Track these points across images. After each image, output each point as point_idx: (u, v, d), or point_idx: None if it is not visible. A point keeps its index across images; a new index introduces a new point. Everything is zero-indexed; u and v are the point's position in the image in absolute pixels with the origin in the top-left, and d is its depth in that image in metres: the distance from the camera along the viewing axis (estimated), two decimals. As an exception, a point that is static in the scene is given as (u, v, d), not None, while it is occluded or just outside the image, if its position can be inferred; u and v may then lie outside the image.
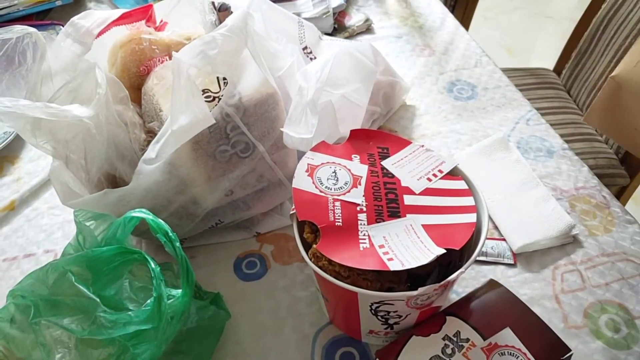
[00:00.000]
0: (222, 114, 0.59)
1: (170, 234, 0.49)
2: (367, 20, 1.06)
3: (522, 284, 0.65)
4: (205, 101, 0.56)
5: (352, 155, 0.59)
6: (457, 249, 0.50)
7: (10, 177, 0.82)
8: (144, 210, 0.50)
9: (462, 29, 1.07)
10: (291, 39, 0.77)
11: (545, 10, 2.54)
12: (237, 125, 0.60)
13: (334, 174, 0.56)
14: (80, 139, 0.58)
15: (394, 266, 0.48)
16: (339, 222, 0.52)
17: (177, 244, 0.49)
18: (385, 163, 0.59)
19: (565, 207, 0.73)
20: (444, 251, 0.49)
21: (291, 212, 0.55)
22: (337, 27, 1.05)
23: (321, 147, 0.59)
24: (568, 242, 0.69)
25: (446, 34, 1.05)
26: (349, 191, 0.55)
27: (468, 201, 0.55)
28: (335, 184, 0.55)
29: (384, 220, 0.53)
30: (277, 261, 0.69)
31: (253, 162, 0.64)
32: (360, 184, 0.56)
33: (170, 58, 0.68)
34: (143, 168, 0.58)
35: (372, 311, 0.53)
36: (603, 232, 0.70)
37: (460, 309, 0.57)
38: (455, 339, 0.54)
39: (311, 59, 0.81)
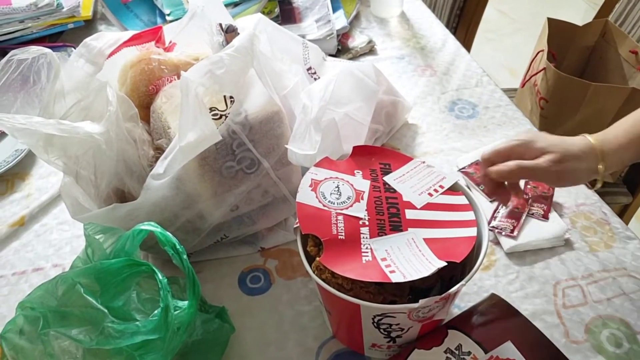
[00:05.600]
0: (228, 131, 0.60)
1: (178, 247, 0.50)
2: (370, 41, 1.09)
3: (523, 299, 0.66)
4: (213, 119, 0.58)
5: (355, 171, 0.60)
6: (458, 262, 0.51)
7: (21, 193, 0.83)
8: (152, 223, 0.52)
9: (463, 49, 1.09)
10: (296, 59, 0.80)
11: (546, 32, 2.58)
12: (243, 142, 0.62)
13: (337, 188, 0.57)
14: (90, 155, 0.60)
15: (395, 278, 0.49)
16: (341, 235, 0.53)
17: (185, 256, 0.50)
18: (387, 178, 0.60)
19: (566, 223, 0.73)
20: (445, 264, 0.50)
21: (295, 226, 0.56)
22: (341, 48, 1.08)
23: (324, 163, 0.60)
24: (559, 245, 0.71)
25: (447, 54, 1.07)
26: (351, 205, 0.56)
27: (469, 215, 0.56)
28: (338, 199, 0.56)
29: (386, 234, 0.54)
30: (281, 276, 0.70)
31: (258, 178, 0.66)
32: (362, 199, 0.57)
33: (178, 78, 0.70)
34: (151, 183, 0.59)
35: (375, 324, 0.53)
36: (604, 248, 0.71)
37: (462, 322, 0.58)
38: (457, 352, 0.55)
39: (315, 79, 0.83)
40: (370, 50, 1.09)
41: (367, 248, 0.52)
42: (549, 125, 1.18)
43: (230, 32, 0.65)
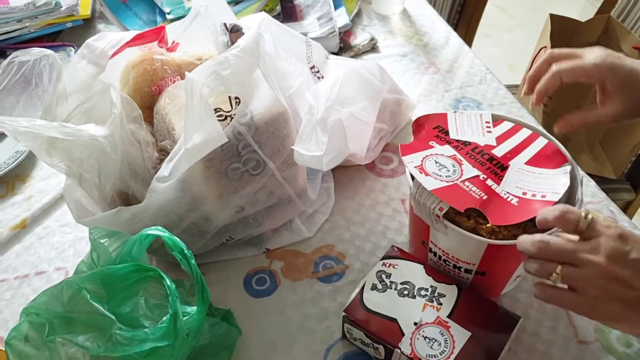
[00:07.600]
0: (234, 132, 0.60)
1: (186, 252, 0.49)
2: (372, 39, 1.08)
3: (531, 299, 0.65)
4: (218, 120, 0.57)
5: (429, 142, 0.61)
6: (568, 161, 0.59)
7: (22, 195, 0.82)
8: (159, 227, 0.51)
9: (466, 46, 1.08)
10: (299, 58, 0.79)
11: (545, 27, 2.57)
12: (248, 143, 0.61)
13: (437, 163, 0.58)
14: (94, 157, 0.59)
15: (553, 198, 0.53)
16: (484, 196, 0.54)
17: (193, 261, 0.49)
18: (452, 137, 0.62)
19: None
20: (570, 167, 0.57)
21: (442, 212, 0.54)
22: (343, 46, 1.07)
23: (405, 149, 0.60)
24: None
25: (450, 52, 1.07)
26: (462, 171, 0.57)
27: (527, 132, 0.63)
28: (448, 170, 0.57)
29: (502, 178, 0.57)
30: (287, 277, 0.70)
31: (264, 180, 0.65)
32: (461, 161, 0.58)
33: (181, 78, 0.69)
34: (156, 186, 0.58)
35: None
36: (611, 247, 0.70)
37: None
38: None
39: (318, 77, 0.82)
40: (372, 47, 1.08)
41: (505, 194, 0.55)
42: (551, 121, 1.17)
43: (235, 32, 0.65)
